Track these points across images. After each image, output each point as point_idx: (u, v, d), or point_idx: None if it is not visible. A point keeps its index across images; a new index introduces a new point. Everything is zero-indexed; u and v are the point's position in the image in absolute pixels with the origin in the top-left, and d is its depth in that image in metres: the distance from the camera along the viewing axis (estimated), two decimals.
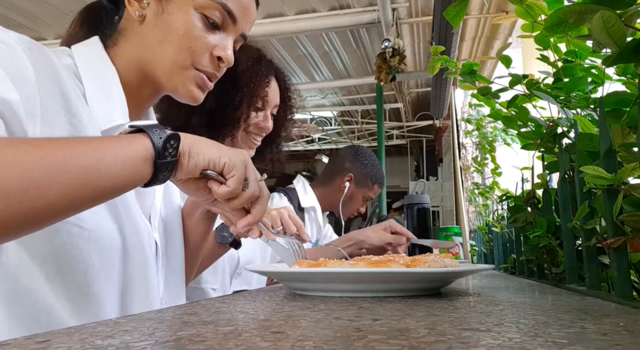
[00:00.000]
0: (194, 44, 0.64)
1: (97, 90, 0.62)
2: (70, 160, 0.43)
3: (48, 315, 0.53)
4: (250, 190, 0.57)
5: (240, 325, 0.32)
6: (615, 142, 0.48)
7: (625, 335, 0.27)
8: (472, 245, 1.93)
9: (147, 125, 0.51)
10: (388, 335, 0.27)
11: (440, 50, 0.83)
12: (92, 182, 0.45)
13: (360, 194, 1.74)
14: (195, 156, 0.53)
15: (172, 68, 0.65)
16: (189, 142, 0.53)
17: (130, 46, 0.67)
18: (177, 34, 0.64)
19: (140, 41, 0.66)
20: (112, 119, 0.61)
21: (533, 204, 0.80)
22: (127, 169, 0.47)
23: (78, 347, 0.25)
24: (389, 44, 3.58)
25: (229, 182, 0.55)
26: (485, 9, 3.27)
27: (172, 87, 0.67)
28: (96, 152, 0.45)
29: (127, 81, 0.67)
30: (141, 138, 0.50)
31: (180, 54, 0.64)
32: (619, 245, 0.45)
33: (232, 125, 1.09)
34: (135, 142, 0.49)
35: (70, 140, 0.47)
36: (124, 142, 0.48)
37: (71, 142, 0.46)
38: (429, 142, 7.05)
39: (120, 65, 0.67)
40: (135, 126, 0.51)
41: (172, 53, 0.64)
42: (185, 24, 0.64)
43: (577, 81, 0.67)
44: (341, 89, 5.56)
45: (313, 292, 0.54)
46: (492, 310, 0.38)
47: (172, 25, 0.64)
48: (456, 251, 1.40)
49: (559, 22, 0.48)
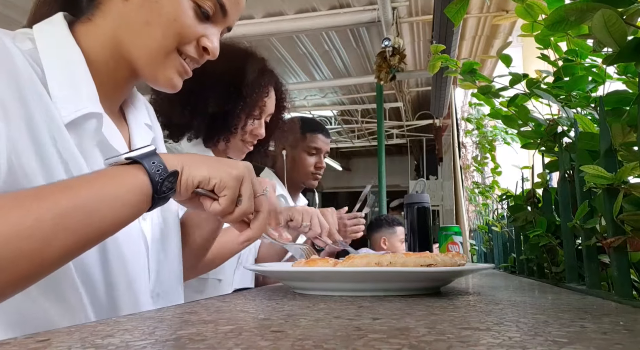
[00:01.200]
0: (183, 30, 0.62)
1: (59, 76, 0.56)
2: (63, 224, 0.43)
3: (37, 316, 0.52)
4: (243, 208, 0.55)
5: (241, 324, 0.32)
6: (616, 141, 0.48)
7: (625, 335, 0.27)
8: (472, 245, 1.93)
9: (144, 154, 0.49)
10: (388, 335, 0.27)
11: (440, 49, 0.83)
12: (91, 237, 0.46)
13: (299, 151, 1.69)
14: (185, 180, 0.52)
15: (156, 52, 0.61)
16: (182, 165, 0.52)
17: (107, 23, 0.61)
18: (167, 18, 0.60)
19: (121, 20, 0.61)
20: (77, 108, 0.56)
21: (533, 203, 0.80)
22: (126, 212, 0.47)
23: (78, 346, 0.25)
24: (389, 43, 3.58)
25: (220, 201, 0.54)
26: (486, 7, 3.27)
27: (150, 73, 0.63)
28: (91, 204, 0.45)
29: (101, 62, 0.62)
30: (138, 174, 0.48)
31: (167, 38, 0.61)
32: (619, 245, 0.45)
33: (229, 130, 1.11)
34: (132, 181, 0.48)
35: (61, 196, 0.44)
36: (121, 183, 0.47)
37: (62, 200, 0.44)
38: (429, 141, 7.05)
39: (93, 44, 0.61)
40: (131, 158, 0.49)
41: (158, 36, 0.61)
42: (177, 9, 0.61)
43: (577, 80, 0.67)
44: (341, 88, 5.56)
45: (313, 291, 0.54)
46: (492, 310, 0.38)
47: (162, 9, 0.60)
48: (456, 250, 1.40)
49: (560, 20, 0.48)
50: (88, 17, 0.62)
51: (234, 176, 0.54)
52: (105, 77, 0.62)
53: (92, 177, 0.47)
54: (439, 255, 0.53)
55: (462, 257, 0.55)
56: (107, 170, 0.49)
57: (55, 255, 0.43)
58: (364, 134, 7.08)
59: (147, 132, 0.72)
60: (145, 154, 0.49)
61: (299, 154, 1.69)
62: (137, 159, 0.49)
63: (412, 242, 1.32)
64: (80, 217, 0.44)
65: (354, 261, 0.53)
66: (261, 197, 0.58)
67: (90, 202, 0.45)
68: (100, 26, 0.62)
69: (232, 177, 0.53)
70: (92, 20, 0.62)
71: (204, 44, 0.64)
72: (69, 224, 0.43)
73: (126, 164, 0.49)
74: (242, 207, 0.55)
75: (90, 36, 0.62)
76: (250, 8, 3.67)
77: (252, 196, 0.56)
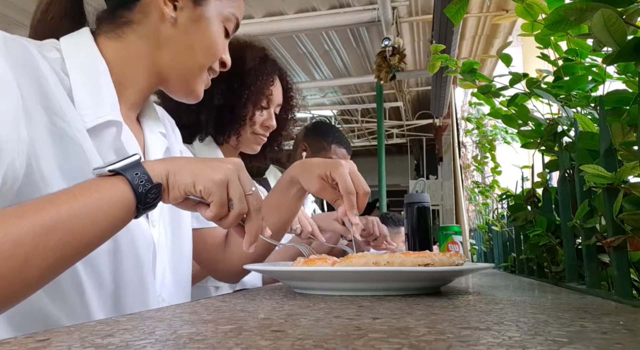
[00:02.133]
0: (218, 51, 0.70)
1: (84, 85, 0.60)
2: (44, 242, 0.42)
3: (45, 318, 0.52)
4: (237, 210, 0.55)
5: (240, 323, 0.32)
6: (616, 141, 0.48)
7: (625, 334, 0.27)
8: (472, 244, 1.93)
9: (127, 165, 0.49)
10: (388, 334, 0.27)
11: (440, 48, 0.83)
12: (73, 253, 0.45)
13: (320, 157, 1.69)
14: (172, 190, 0.52)
15: (194, 71, 0.69)
16: (167, 173, 0.52)
17: (142, 43, 0.66)
18: (209, 43, 0.69)
19: (163, 42, 0.66)
20: (99, 115, 0.59)
21: (533, 203, 0.80)
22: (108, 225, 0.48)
23: (78, 345, 0.25)
24: (389, 43, 3.58)
25: (211, 207, 0.54)
26: (486, 7, 3.27)
27: (182, 87, 0.70)
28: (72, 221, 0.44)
29: (124, 74, 0.65)
30: (121, 187, 0.48)
31: (206, 59, 0.69)
32: (619, 244, 0.45)
33: (237, 123, 1.10)
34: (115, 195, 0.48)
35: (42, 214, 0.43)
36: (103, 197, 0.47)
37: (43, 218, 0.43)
38: (429, 141, 7.05)
39: (118, 57, 0.65)
40: (114, 170, 0.49)
41: (200, 58, 0.68)
42: (217, 34, 0.69)
43: (577, 80, 0.67)
44: (341, 88, 5.56)
45: (313, 290, 0.54)
46: (492, 309, 0.38)
47: (204, 34, 0.68)
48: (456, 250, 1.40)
49: (560, 19, 0.48)
50: (116, 32, 0.66)
51: (217, 181, 0.53)
52: (129, 89, 0.67)
53: (75, 191, 0.47)
54: (437, 255, 0.53)
55: (460, 257, 0.55)
56: (91, 183, 0.48)
57: (37, 274, 0.43)
58: (364, 133, 7.08)
59: (161, 140, 0.74)
60: (129, 165, 0.50)
61: None
62: (119, 171, 0.49)
63: (412, 241, 1.32)
64: (61, 235, 0.43)
65: (352, 260, 0.53)
66: (250, 197, 0.56)
67: (71, 219, 0.44)
68: (131, 43, 0.66)
69: (215, 183, 0.53)
70: (122, 37, 0.66)
71: (223, 59, 0.73)
72: (50, 242, 0.43)
73: (110, 175, 0.49)
74: (235, 210, 0.55)
75: (119, 51, 0.66)
76: (250, 8, 3.67)
77: (242, 197, 0.55)
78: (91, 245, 0.47)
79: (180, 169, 0.53)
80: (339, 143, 1.70)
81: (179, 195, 0.52)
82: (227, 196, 0.54)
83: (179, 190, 0.52)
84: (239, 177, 0.55)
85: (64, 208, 0.44)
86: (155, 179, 0.51)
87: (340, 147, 1.70)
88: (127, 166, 0.49)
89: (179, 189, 0.52)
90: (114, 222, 0.48)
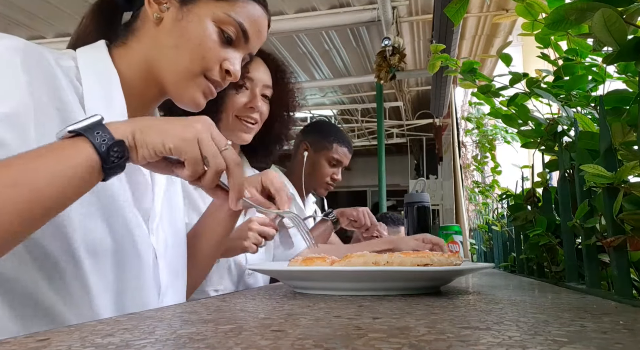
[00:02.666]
0: (207, 54, 0.66)
1: (96, 93, 0.62)
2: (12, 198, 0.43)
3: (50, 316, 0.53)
4: (213, 167, 0.53)
5: (240, 323, 0.32)
6: (616, 141, 0.48)
7: (625, 334, 0.27)
8: (472, 244, 1.93)
9: (86, 126, 0.48)
10: (388, 334, 0.27)
11: (440, 48, 0.83)
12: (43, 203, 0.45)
13: (321, 158, 1.67)
14: (141, 148, 0.51)
15: (182, 74, 0.66)
16: (133, 132, 0.50)
17: (141, 47, 0.67)
18: (194, 43, 0.65)
19: (153, 43, 0.66)
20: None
21: (533, 203, 0.80)
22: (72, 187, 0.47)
23: (78, 345, 0.25)
24: (389, 43, 3.58)
25: (185, 166, 0.53)
26: (486, 7, 3.27)
27: (177, 92, 0.68)
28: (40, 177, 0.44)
29: (133, 82, 0.67)
30: (83, 146, 0.47)
31: (193, 62, 0.66)
32: (619, 244, 0.45)
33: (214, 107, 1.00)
34: (76, 155, 0.47)
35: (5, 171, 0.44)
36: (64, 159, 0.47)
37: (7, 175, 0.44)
38: (429, 141, 7.05)
39: (127, 65, 0.67)
40: (74, 131, 0.48)
41: (185, 60, 0.66)
42: (202, 35, 0.65)
43: (577, 79, 0.67)
44: (341, 88, 5.55)
45: (313, 290, 0.54)
46: (491, 309, 0.38)
47: (190, 33, 0.65)
48: (456, 249, 1.40)
49: (560, 19, 0.48)
50: (123, 41, 0.68)
51: (188, 138, 0.51)
52: (135, 96, 0.67)
53: (40, 152, 0.46)
54: (435, 255, 0.53)
55: (458, 257, 0.55)
56: (55, 145, 0.48)
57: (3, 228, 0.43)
58: (364, 133, 7.08)
59: None
60: (89, 126, 0.48)
61: (321, 161, 1.67)
62: (80, 131, 0.48)
63: None
64: (26, 190, 0.43)
65: (351, 260, 0.53)
66: (225, 152, 0.54)
67: (38, 175, 0.44)
68: (134, 49, 0.67)
69: (184, 140, 0.51)
70: (127, 44, 0.68)
71: (226, 67, 0.68)
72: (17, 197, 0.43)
73: (71, 137, 0.48)
74: (212, 167, 0.53)
75: (124, 58, 0.67)
76: None
77: (217, 153, 0.53)
78: (57, 205, 0.47)
79: (146, 127, 0.51)
80: (340, 142, 1.70)
81: (148, 154, 0.51)
82: (201, 154, 0.52)
83: (147, 149, 0.50)
84: (211, 135, 0.53)
85: (30, 165, 0.44)
86: (118, 137, 0.49)
87: (342, 146, 1.70)
88: (87, 126, 0.48)
89: (148, 148, 0.50)
90: (79, 183, 0.47)
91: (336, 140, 1.69)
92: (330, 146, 1.68)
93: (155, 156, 0.51)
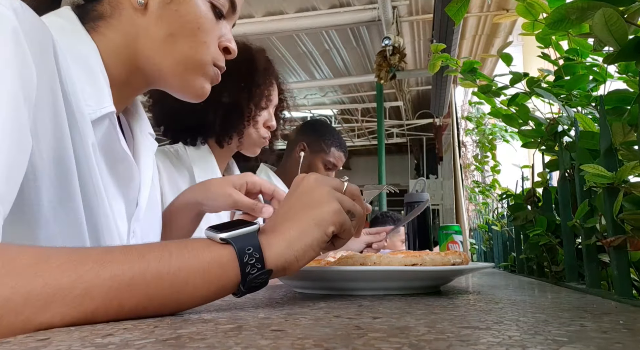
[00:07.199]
0: (209, 38, 0.59)
1: (80, 71, 0.52)
2: (119, 304, 0.34)
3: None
4: (358, 216, 0.49)
5: (240, 323, 0.32)
6: (616, 140, 0.48)
7: (625, 334, 0.27)
8: (472, 244, 1.93)
9: (237, 237, 0.39)
10: (388, 333, 0.27)
11: (440, 48, 0.83)
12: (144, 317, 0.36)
13: (318, 160, 1.67)
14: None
15: (186, 65, 0.59)
16: (287, 262, 0.41)
17: (117, 36, 0.58)
18: (191, 28, 0.58)
19: (139, 32, 0.58)
20: (102, 106, 0.53)
21: (533, 202, 0.80)
22: (194, 299, 0.38)
23: (78, 345, 0.25)
24: (389, 42, 3.58)
25: (342, 235, 0.47)
26: (486, 6, 3.27)
27: (180, 84, 0.61)
28: (158, 285, 0.35)
29: (112, 73, 0.58)
30: (233, 273, 0.38)
31: (197, 50, 0.59)
32: (619, 244, 0.45)
33: (243, 122, 1.10)
34: (224, 285, 0.38)
35: (125, 266, 0.35)
36: (210, 282, 0.38)
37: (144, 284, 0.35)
38: (429, 140, 7.05)
39: (103, 53, 0.57)
40: (225, 239, 0.39)
41: (186, 49, 0.58)
42: (198, 16, 0.58)
43: (578, 79, 0.67)
44: (341, 87, 5.56)
45: (313, 290, 0.54)
46: (491, 309, 0.38)
47: (184, 17, 0.58)
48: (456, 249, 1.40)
49: (561, 19, 0.48)
50: (92, 27, 0.58)
51: (337, 209, 0.45)
52: (117, 87, 0.59)
53: (172, 250, 0.37)
54: (428, 255, 0.52)
55: (459, 255, 0.53)
56: (194, 246, 0.38)
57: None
58: (364, 133, 7.08)
59: (151, 142, 0.70)
60: (241, 238, 0.39)
61: (316, 163, 1.68)
62: (229, 241, 0.39)
63: (412, 241, 1.32)
64: (138, 298, 0.35)
65: (350, 260, 0.53)
66: (349, 190, 0.49)
67: (157, 283, 0.36)
68: (108, 37, 0.58)
69: (337, 212, 0.45)
70: (97, 31, 0.58)
71: (225, 45, 0.63)
72: (125, 303, 0.34)
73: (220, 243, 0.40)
74: (357, 217, 0.48)
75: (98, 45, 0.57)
76: (250, 7, 3.67)
77: (353, 202, 0.48)
78: (162, 315, 0.38)
79: (301, 251, 0.42)
80: (338, 146, 1.71)
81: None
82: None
83: (308, 258, 0.43)
84: (332, 185, 0.48)
85: (153, 267, 0.35)
86: (270, 264, 0.40)
87: (339, 150, 1.71)
88: (240, 239, 0.39)
89: (308, 258, 0.43)
90: (200, 296, 0.38)
91: (333, 144, 1.69)
92: (328, 149, 1.68)
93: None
